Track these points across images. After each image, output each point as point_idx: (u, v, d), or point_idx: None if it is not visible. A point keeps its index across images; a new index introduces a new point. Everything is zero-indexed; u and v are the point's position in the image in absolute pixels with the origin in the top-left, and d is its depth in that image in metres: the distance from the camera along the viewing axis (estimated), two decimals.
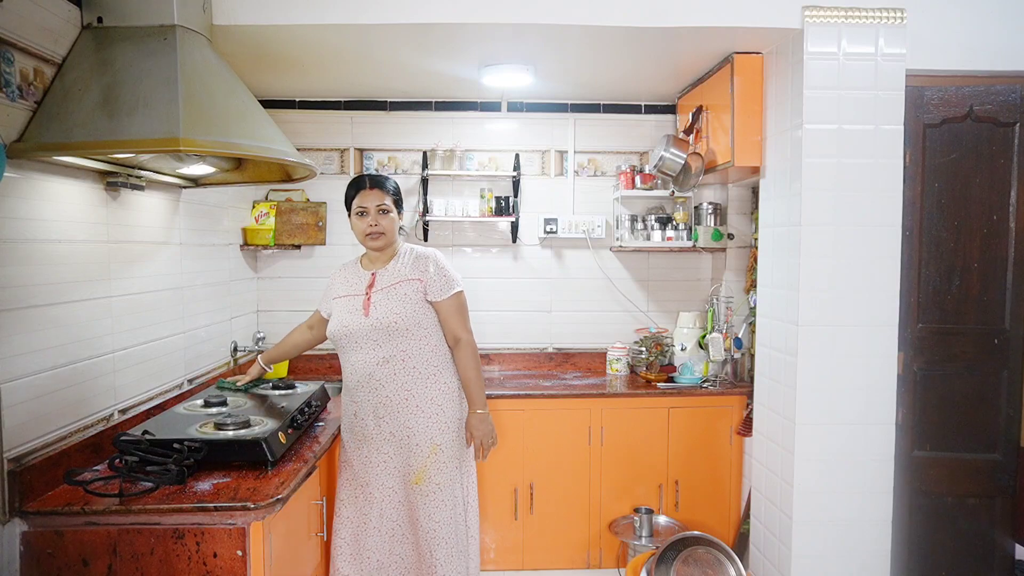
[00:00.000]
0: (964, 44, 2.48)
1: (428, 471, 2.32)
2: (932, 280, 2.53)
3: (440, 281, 2.34)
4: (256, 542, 1.80)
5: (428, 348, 2.34)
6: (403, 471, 2.35)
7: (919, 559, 2.59)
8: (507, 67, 2.94)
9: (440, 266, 2.36)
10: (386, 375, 2.30)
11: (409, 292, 2.31)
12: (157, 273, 2.53)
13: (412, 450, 2.32)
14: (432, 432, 2.33)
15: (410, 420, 2.32)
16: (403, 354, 2.30)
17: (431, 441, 2.32)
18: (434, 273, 2.34)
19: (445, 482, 2.34)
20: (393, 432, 2.33)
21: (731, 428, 3.24)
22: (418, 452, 2.32)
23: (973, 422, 2.54)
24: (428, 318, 2.34)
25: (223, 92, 2.01)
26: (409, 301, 2.30)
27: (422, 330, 2.33)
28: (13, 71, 1.76)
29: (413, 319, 2.30)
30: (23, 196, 1.82)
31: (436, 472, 2.33)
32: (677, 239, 3.48)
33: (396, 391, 2.31)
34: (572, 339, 3.75)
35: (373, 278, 2.37)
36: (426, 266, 2.35)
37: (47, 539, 1.76)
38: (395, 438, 2.33)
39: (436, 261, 2.37)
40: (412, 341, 2.31)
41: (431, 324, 2.35)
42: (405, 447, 2.33)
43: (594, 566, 3.25)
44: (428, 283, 2.33)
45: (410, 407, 2.31)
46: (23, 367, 1.79)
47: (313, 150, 3.60)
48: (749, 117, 2.75)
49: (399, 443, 2.33)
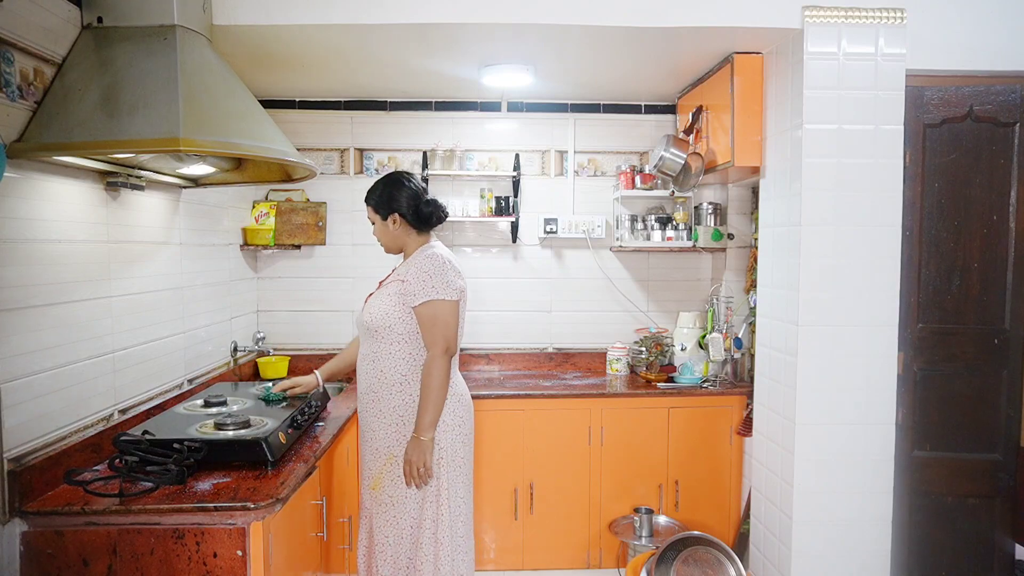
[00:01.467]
0: (964, 44, 2.48)
1: (383, 480, 2.27)
2: (932, 280, 2.53)
3: (418, 285, 2.19)
4: (256, 542, 1.80)
5: (400, 354, 2.24)
6: (363, 471, 2.34)
7: (919, 559, 2.59)
8: (507, 67, 2.94)
9: (424, 270, 2.20)
10: (363, 371, 2.31)
11: (392, 293, 2.25)
12: (157, 273, 2.53)
13: (373, 453, 2.30)
14: (390, 441, 2.26)
15: (373, 422, 2.29)
16: (375, 355, 2.27)
17: (388, 450, 2.26)
18: (414, 276, 2.20)
19: (399, 497, 2.25)
20: (364, 429, 2.34)
21: (731, 428, 3.24)
22: (376, 457, 2.29)
23: (973, 422, 2.54)
24: (404, 323, 2.23)
25: (223, 92, 2.01)
26: (389, 302, 2.24)
27: (394, 334, 2.24)
28: (13, 71, 1.76)
29: (385, 321, 2.22)
30: (23, 196, 1.82)
31: (390, 484, 2.26)
32: (677, 239, 3.48)
33: (367, 389, 2.30)
34: (572, 339, 3.75)
35: (390, 274, 2.36)
36: (411, 268, 2.24)
37: (47, 539, 1.76)
38: (364, 436, 2.34)
39: (423, 264, 2.22)
40: (384, 344, 2.25)
41: (407, 330, 2.23)
42: (369, 448, 2.32)
43: (594, 566, 3.25)
44: (407, 286, 2.21)
45: (375, 410, 2.28)
46: (23, 367, 1.79)
47: (313, 150, 3.60)
48: (749, 117, 2.75)
49: (365, 441, 2.33)
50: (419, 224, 2.32)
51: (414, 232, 2.33)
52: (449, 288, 2.20)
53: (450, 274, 2.22)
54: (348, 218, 3.62)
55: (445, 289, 2.19)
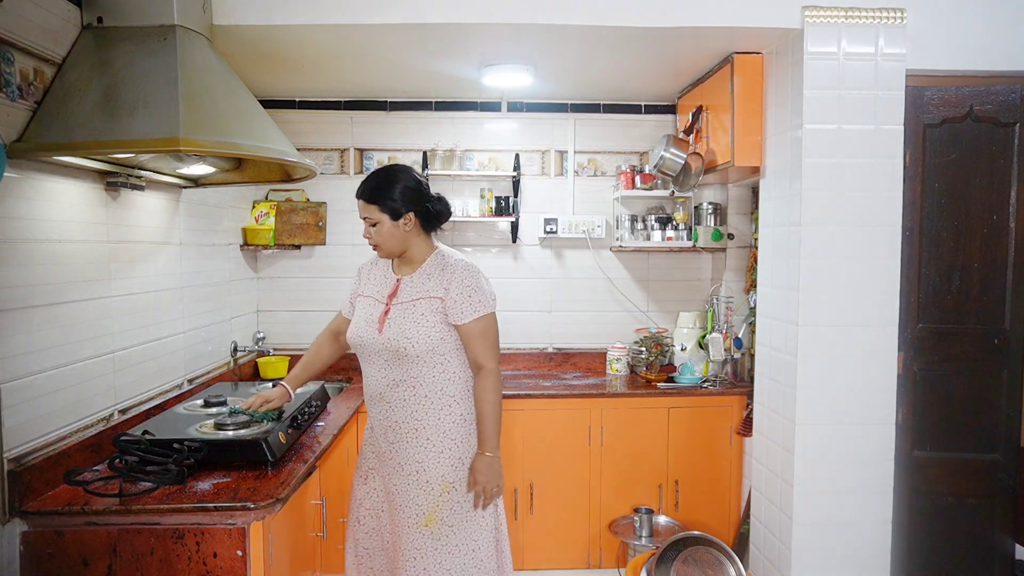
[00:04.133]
0: (964, 44, 2.48)
1: (440, 512, 2.03)
2: (932, 280, 2.53)
3: (464, 302, 2.01)
4: (256, 542, 1.80)
5: (444, 375, 2.05)
6: (405, 512, 2.05)
7: (919, 559, 2.59)
8: (507, 67, 2.94)
9: (466, 284, 2.03)
10: (396, 399, 2.05)
11: (427, 312, 2.02)
12: (157, 273, 2.53)
13: (422, 488, 2.03)
14: (443, 469, 2.03)
15: (419, 454, 2.03)
16: (414, 380, 2.03)
17: (443, 479, 2.03)
18: (457, 292, 2.02)
19: (460, 525, 2.05)
20: (402, 464, 2.05)
21: (731, 428, 3.24)
22: (428, 491, 2.03)
23: (973, 422, 2.54)
24: (447, 343, 2.04)
25: (223, 92, 2.01)
26: (426, 323, 2.01)
27: (438, 356, 2.03)
28: (13, 71, 1.76)
29: (427, 344, 2.00)
30: (23, 196, 1.82)
31: (449, 512, 2.04)
32: (677, 239, 3.48)
33: (406, 418, 2.04)
34: (572, 339, 3.75)
35: (397, 285, 2.10)
36: (451, 282, 2.03)
37: (47, 539, 1.76)
38: (404, 471, 2.05)
39: (463, 278, 2.03)
40: (425, 367, 2.03)
41: (450, 349, 2.05)
42: (414, 484, 2.04)
43: (594, 566, 3.25)
44: (449, 303, 2.02)
45: (420, 439, 2.04)
46: (23, 367, 1.79)
47: (313, 150, 3.60)
48: (749, 117, 2.75)
49: (408, 477, 2.04)
50: (428, 223, 2.12)
51: (424, 233, 2.12)
52: (491, 298, 2.08)
53: (486, 283, 2.10)
54: (348, 218, 3.62)
55: (490, 301, 2.07)
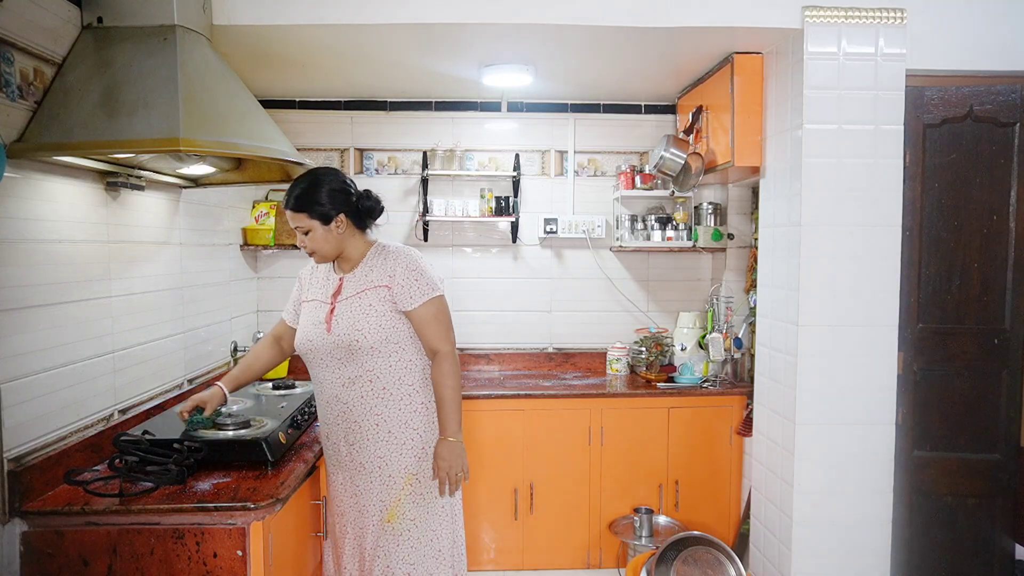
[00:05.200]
0: (964, 44, 2.48)
1: (402, 506, 2.05)
2: (932, 280, 2.53)
3: (410, 287, 2.02)
4: (256, 542, 1.80)
5: (401, 365, 2.05)
6: (369, 511, 2.07)
7: (919, 559, 2.59)
8: (507, 67, 2.94)
9: (410, 269, 2.04)
10: (353, 397, 2.04)
11: (375, 302, 2.02)
12: (157, 273, 2.53)
13: (385, 483, 2.05)
14: (407, 461, 2.05)
15: (381, 448, 2.05)
16: (370, 374, 2.02)
17: (405, 470, 2.05)
18: (403, 277, 2.03)
19: (421, 517, 2.07)
20: (364, 463, 2.06)
21: (731, 428, 3.24)
22: (391, 485, 2.05)
23: (973, 422, 2.54)
24: (399, 331, 2.05)
25: (223, 92, 2.01)
26: (375, 313, 2.01)
27: (391, 345, 2.03)
28: (13, 71, 1.76)
29: (379, 334, 2.01)
30: (23, 196, 1.82)
31: (411, 505, 2.06)
32: (677, 239, 3.48)
33: (366, 415, 2.04)
34: (572, 339, 3.75)
35: (340, 284, 2.10)
36: (394, 269, 2.04)
37: (47, 539, 1.76)
38: (366, 469, 2.07)
39: (407, 263, 2.05)
40: (380, 359, 2.02)
41: (403, 337, 2.06)
42: (378, 480, 2.06)
43: (594, 566, 3.25)
44: (396, 289, 2.02)
45: (381, 433, 2.04)
46: (23, 367, 1.79)
47: (313, 150, 3.60)
48: (749, 117, 2.75)
49: (370, 475, 2.06)
50: (361, 221, 2.11)
51: (358, 232, 2.11)
52: (438, 281, 2.09)
53: (431, 267, 2.11)
54: None
55: (437, 284, 2.08)
